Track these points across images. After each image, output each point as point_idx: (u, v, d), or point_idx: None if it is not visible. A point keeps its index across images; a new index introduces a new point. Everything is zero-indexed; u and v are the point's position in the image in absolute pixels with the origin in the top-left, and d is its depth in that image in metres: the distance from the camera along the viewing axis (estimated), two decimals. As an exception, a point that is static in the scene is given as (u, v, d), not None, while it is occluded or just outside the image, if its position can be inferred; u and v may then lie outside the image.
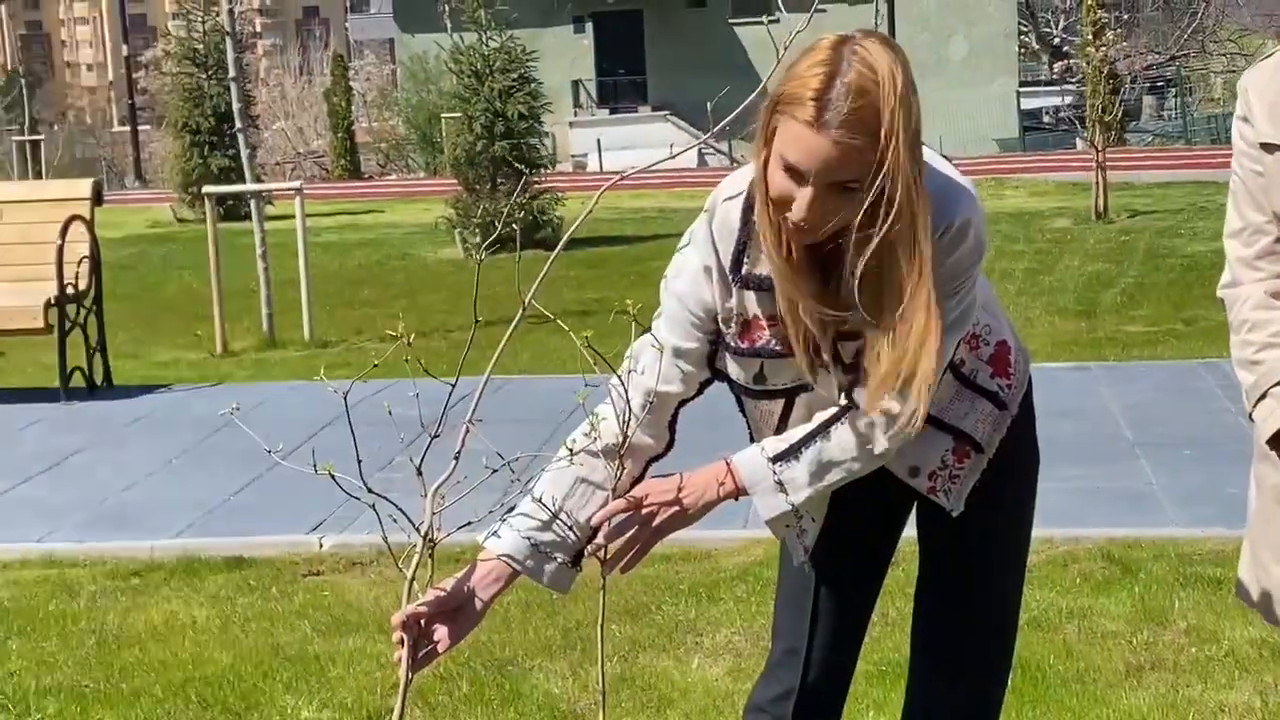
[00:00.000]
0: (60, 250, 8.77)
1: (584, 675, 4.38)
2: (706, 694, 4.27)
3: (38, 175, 29.20)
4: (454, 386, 2.26)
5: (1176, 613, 4.72)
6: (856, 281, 2.35)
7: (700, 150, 33.51)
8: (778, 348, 2.47)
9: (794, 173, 2.25)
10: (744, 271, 2.47)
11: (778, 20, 2.36)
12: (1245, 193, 2.54)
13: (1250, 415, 2.54)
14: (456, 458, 2.28)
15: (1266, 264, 2.53)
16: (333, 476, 2.26)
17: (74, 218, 9.06)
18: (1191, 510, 5.65)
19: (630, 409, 2.48)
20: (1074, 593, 4.94)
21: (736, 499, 2.50)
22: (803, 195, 2.25)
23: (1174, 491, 6.02)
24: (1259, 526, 2.60)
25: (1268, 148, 2.48)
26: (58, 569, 5.64)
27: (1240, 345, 2.54)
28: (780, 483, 2.48)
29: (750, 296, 2.47)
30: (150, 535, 5.98)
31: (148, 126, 41.09)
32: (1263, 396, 2.49)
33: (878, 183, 2.24)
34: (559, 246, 2.54)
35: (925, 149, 2.36)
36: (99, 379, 9.08)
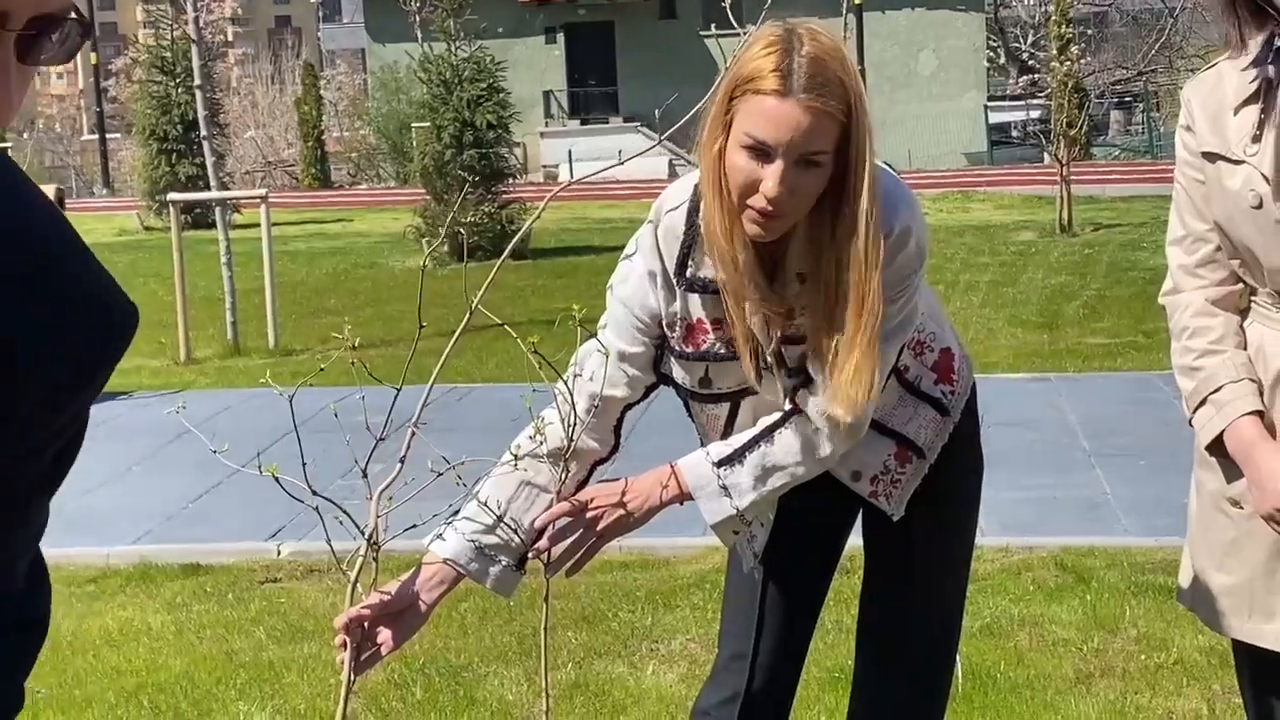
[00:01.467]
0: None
1: (539, 681, 4.36)
2: (660, 700, 4.27)
3: (5, 183, 28.97)
4: (398, 392, 2.27)
5: (1127, 621, 4.75)
6: (805, 282, 2.38)
7: (670, 162, 33.59)
8: (722, 351, 2.48)
9: (759, 152, 2.25)
10: (689, 274, 2.48)
11: (747, 34, 2.37)
12: (1187, 201, 2.56)
13: (1190, 422, 2.56)
14: (401, 462, 2.30)
15: (1207, 271, 2.54)
16: (276, 479, 2.27)
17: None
18: (1145, 520, 5.68)
19: (575, 413, 2.49)
20: (1026, 600, 4.97)
21: (682, 503, 2.52)
22: (771, 172, 2.24)
23: (1128, 501, 6.05)
24: (1198, 532, 2.62)
25: (1209, 157, 2.49)
26: (14, 575, 5.61)
27: (1181, 352, 2.56)
28: (725, 487, 2.48)
29: (694, 300, 2.48)
30: (107, 542, 5.96)
31: (117, 135, 40.89)
32: (1202, 403, 2.51)
33: (850, 155, 2.27)
34: (504, 255, 2.56)
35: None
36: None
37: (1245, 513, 2.50)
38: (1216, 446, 2.52)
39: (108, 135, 37.95)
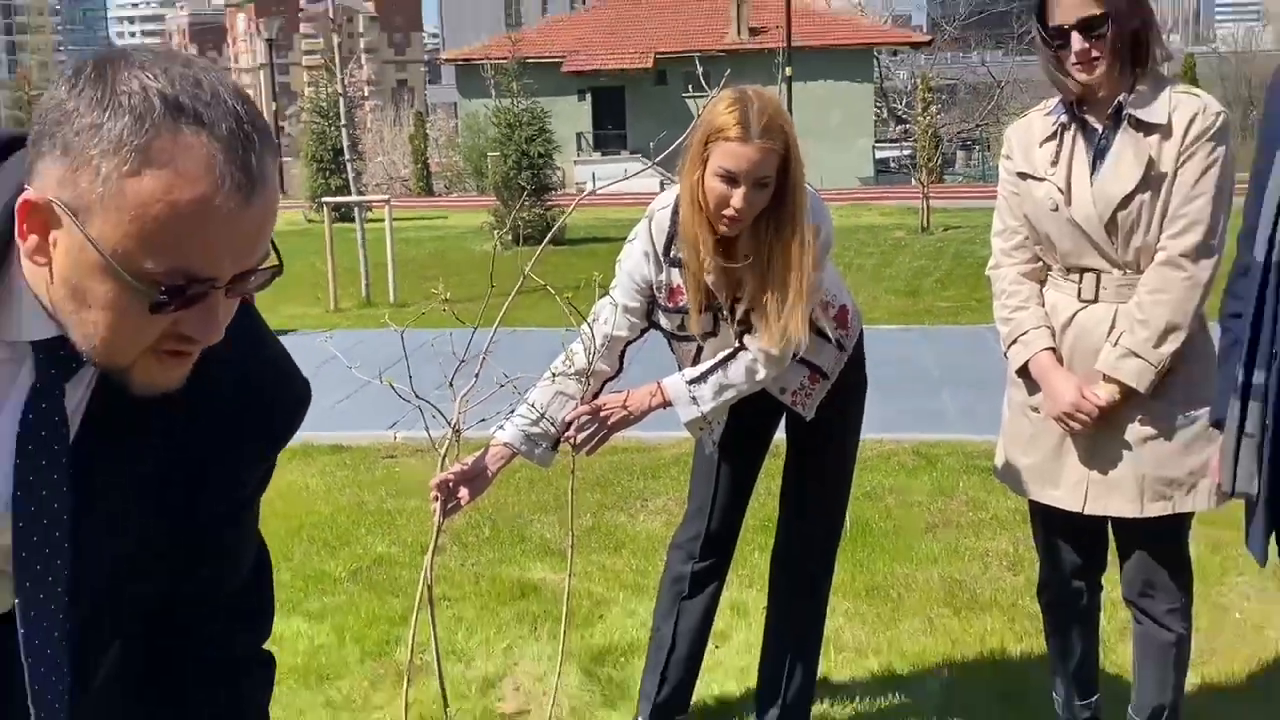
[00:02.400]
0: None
1: (568, 525, 4.38)
2: (648, 539, 4.28)
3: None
4: (474, 331, 2.26)
5: (961, 490, 4.76)
6: (749, 263, 2.36)
7: (661, 180, 33.43)
8: (694, 306, 2.47)
9: (728, 179, 2.24)
10: (671, 255, 2.47)
11: (714, 93, 2.38)
12: (1006, 206, 2.54)
13: (1005, 355, 2.54)
14: (475, 376, 2.29)
15: (1018, 254, 2.53)
16: (393, 388, 2.26)
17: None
18: (975, 423, 5.66)
19: (594, 345, 2.49)
20: (893, 475, 4.98)
21: (665, 408, 2.52)
22: (738, 194, 2.24)
23: (964, 411, 6.04)
24: (1008, 429, 2.61)
25: (1022, 175, 2.47)
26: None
27: (1000, 308, 2.55)
28: (694, 398, 2.48)
29: (674, 272, 2.47)
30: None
31: (289, 158, 40.56)
32: (1014, 342, 2.51)
33: (788, 178, 2.27)
34: (546, 239, 2.54)
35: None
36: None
37: (1040, 416, 2.50)
38: (1023, 372, 2.51)
39: (284, 158, 37.58)
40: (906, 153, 35.09)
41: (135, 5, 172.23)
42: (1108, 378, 2.39)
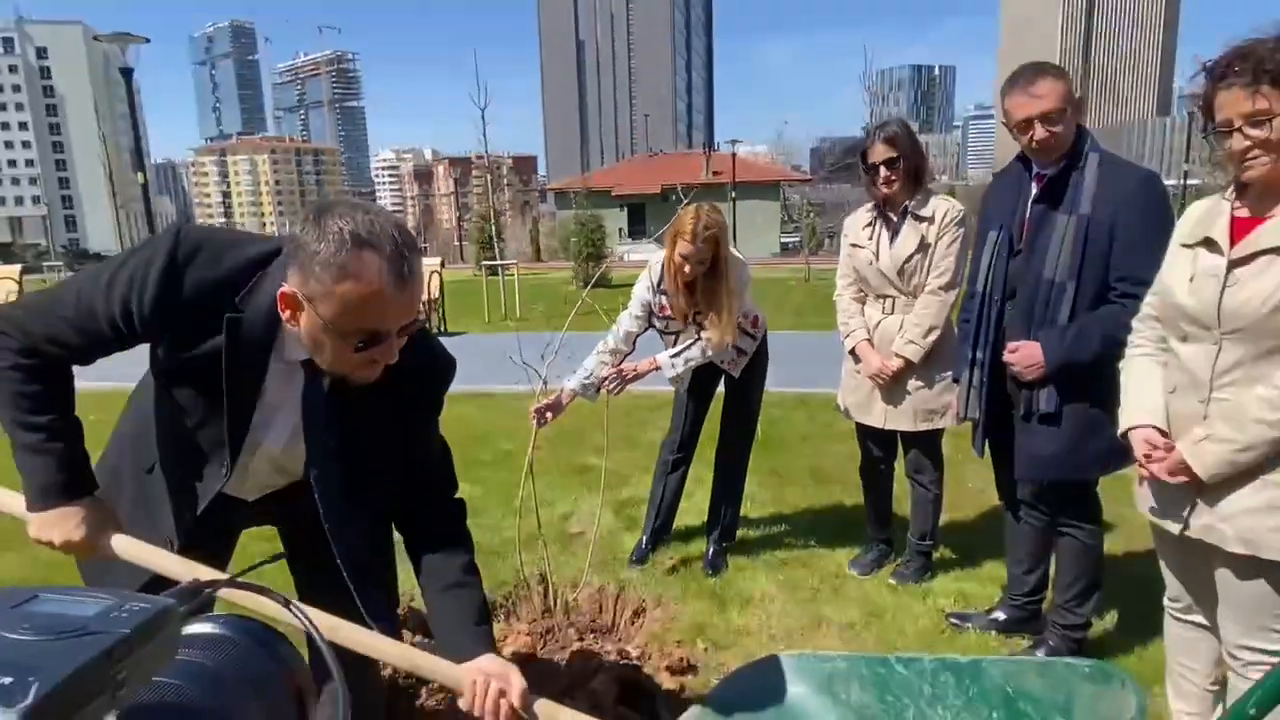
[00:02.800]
0: (429, 285, 8.66)
1: (606, 434, 4.38)
2: (650, 442, 4.24)
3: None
4: (560, 335, 2.24)
5: (821, 417, 4.69)
6: (701, 294, 2.35)
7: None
8: (673, 316, 2.45)
9: (684, 258, 2.24)
10: (660, 288, 2.45)
11: (686, 205, 2.38)
12: (844, 262, 2.51)
13: (843, 342, 2.52)
14: (555, 354, 2.28)
15: (850, 289, 2.51)
16: (511, 358, 2.26)
17: (434, 271, 8.98)
18: (829, 382, 5.43)
19: (619, 335, 2.47)
20: (783, 410, 4.91)
21: (657, 371, 2.50)
22: (689, 265, 2.25)
23: (828, 374, 5.88)
24: (844, 382, 2.60)
25: (854, 245, 2.45)
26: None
27: (840, 317, 2.53)
28: (673, 365, 2.47)
29: (661, 298, 2.45)
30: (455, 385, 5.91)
31: (467, 242, 40.54)
32: (847, 336, 2.48)
33: (719, 255, 2.26)
34: (593, 281, 2.55)
35: (733, 248, 2.36)
36: (444, 327, 9.05)
37: (861, 376, 2.47)
38: (852, 352, 2.48)
39: (462, 242, 37.54)
40: (797, 239, 34.69)
41: (385, 160, 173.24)
42: (898, 355, 2.37)
